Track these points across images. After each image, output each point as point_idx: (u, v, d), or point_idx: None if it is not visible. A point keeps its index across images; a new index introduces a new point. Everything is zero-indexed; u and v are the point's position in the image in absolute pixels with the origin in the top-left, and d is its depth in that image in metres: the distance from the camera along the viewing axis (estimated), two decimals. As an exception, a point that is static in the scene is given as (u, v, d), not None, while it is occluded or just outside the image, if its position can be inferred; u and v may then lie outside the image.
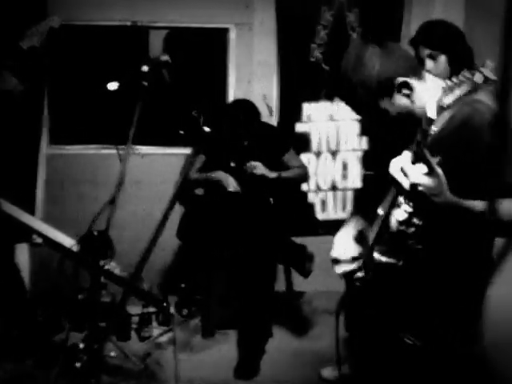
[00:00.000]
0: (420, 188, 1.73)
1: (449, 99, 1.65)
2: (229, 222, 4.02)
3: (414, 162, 1.73)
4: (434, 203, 1.77)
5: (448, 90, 1.65)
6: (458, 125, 1.87)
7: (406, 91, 1.94)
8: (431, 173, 1.73)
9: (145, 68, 3.27)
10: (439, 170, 1.73)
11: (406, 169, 1.74)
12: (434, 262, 1.99)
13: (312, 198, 4.91)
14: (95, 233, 3.26)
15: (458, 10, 4.53)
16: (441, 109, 1.66)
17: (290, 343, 4.10)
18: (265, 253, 3.88)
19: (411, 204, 1.95)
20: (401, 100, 1.94)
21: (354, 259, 2.12)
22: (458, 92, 1.64)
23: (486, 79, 1.62)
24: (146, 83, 3.25)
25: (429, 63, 3.00)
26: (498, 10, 3.87)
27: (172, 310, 4.33)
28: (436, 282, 1.99)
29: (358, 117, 4.78)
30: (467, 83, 1.65)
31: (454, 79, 1.67)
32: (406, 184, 1.75)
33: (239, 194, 4.06)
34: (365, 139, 4.87)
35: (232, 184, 4.04)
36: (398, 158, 1.78)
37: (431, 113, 1.66)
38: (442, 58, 2.92)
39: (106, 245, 3.26)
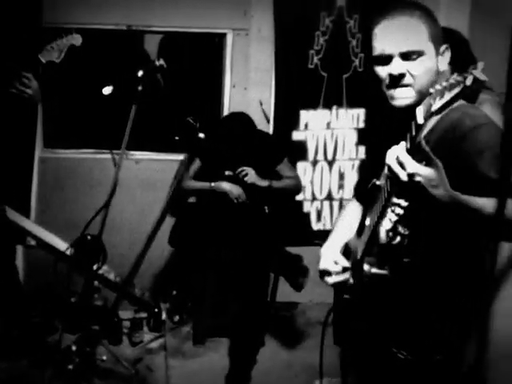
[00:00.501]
0: (418, 178, 1.69)
1: (438, 104, 1.64)
2: (223, 228, 4.21)
3: (409, 153, 1.69)
4: (432, 197, 1.73)
5: (437, 94, 1.64)
6: (447, 129, 1.94)
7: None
8: (430, 163, 1.70)
9: (140, 72, 3.47)
10: (438, 161, 1.71)
11: (403, 158, 1.69)
12: (423, 274, 2.02)
13: (307, 207, 5.02)
14: (88, 237, 3.47)
15: (463, 14, 4.65)
16: (430, 114, 1.65)
17: (283, 354, 4.27)
18: (258, 261, 4.07)
19: (396, 212, 1.97)
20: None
21: (344, 270, 2.18)
22: (447, 96, 1.62)
23: (476, 80, 1.59)
24: (140, 88, 3.45)
25: None
26: (504, 14, 3.97)
27: (163, 316, 4.50)
28: (426, 294, 2.03)
29: (356, 125, 4.98)
30: (458, 86, 1.60)
31: (444, 83, 1.63)
32: (402, 175, 1.70)
33: (245, 204, 4.25)
34: (362, 148, 4.97)
35: (240, 194, 4.24)
36: (394, 147, 1.74)
37: (420, 118, 1.65)
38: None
39: (99, 249, 3.46)
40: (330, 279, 2.20)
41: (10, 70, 3.36)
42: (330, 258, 2.21)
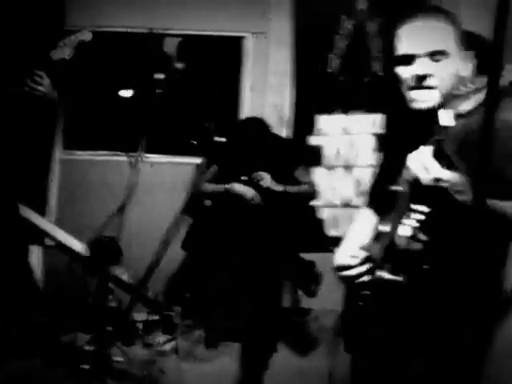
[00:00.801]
0: (442, 183, 1.70)
1: (466, 106, 1.64)
2: (236, 231, 4.31)
3: (434, 157, 1.70)
4: (456, 202, 1.73)
5: (464, 97, 1.65)
6: (471, 132, 1.90)
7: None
8: (455, 167, 1.72)
9: (159, 75, 3.58)
10: (463, 165, 1.73)
11: (427, 162, 1.70)
12: (442, 281, 2.04)
13: (323, 213, 5.09)
14: (104, 239, 3.59)
15: (487, 19, 4.69)
16: (457, 116, 1.64)
17: (295, 361, 4.34)
18: (271, 266, 4.16)
19: (417, 218, 1.98)
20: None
21: (361, 263, 2.20)
22: (476, 98, 1.62)
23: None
24: (159, 91, 3.55)
25: None
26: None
27: (176, 319, 4.61)
28: (445, 302, 2.05)
29: (374, 131, 5.05)
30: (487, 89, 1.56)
31: (471, 85, 1.66)
32: (426, 179, 1.71)
33: (260, 206, 4.34)
34: (380, 155, 4.98)
35: (254, 196, 4.32)
36: (416, 152, 1.75)
37: (447, 120, 1.67)
38: None
39: (115, 251, 3.58)
40: (351, 271, 2.22)
41: (21, 68, 3.48)
42: (346, 253, 2.26)
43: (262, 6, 4.91)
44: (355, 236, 2.41)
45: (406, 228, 2.03)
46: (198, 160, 4.49)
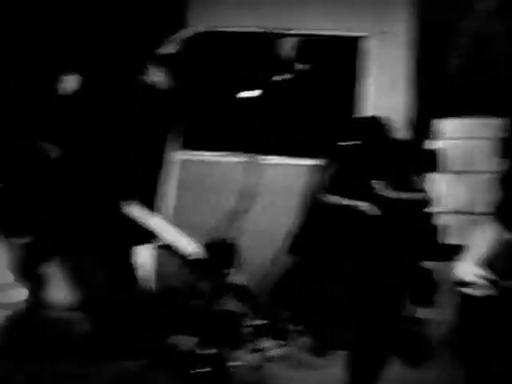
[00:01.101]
0: None
1: None
2: (350, 240, 4.28)
3: None
4: None
5: None
6: None
7: None
8: None
9: (280, 76, 3.59)
10: None
11: None
12: None
13: (441, 220, 4.99)
14: (221, 241, 3.59)
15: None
16: None
17: (408, 373, 4.23)
18: (387, 275, 4.12)
19: None
20: None
21: (485, 282, 2.19)
22: None
23: None
24: (280, 92, 3.55)
25: None
26: None
27: (285, 325, 4.59)
28: None
29: (496, 135, 4.94)
30: None
31: None
32: None
33: (378, 218, 4.31)
34: (502, 160, 4.87)
35: (371, 209, 4.30)
36: None
37: None
38: None
39: (231, 253, 3.58)
40: (471, 291, 2.21)
41: (133, 63, 3.54)
42: (469, 270, 2.24)
43: (381, 7, 4.89)
44: (478, 246, 2.37)
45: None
46: (312, 162, 4.47)
